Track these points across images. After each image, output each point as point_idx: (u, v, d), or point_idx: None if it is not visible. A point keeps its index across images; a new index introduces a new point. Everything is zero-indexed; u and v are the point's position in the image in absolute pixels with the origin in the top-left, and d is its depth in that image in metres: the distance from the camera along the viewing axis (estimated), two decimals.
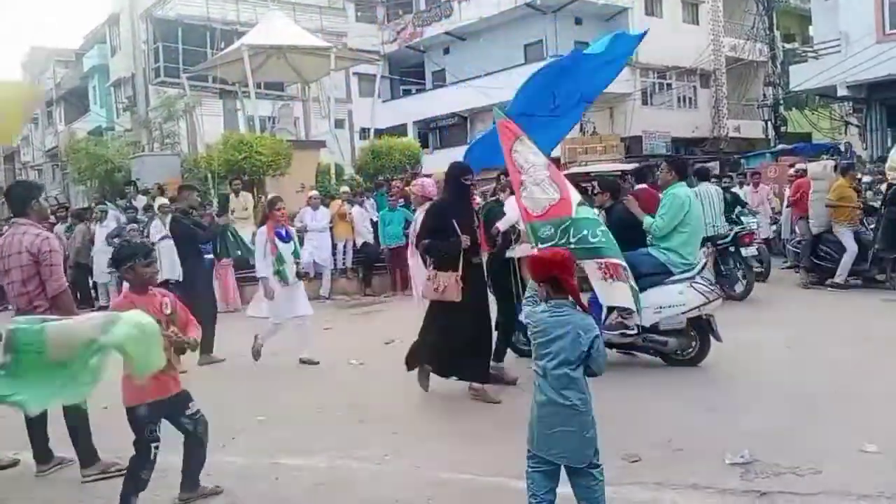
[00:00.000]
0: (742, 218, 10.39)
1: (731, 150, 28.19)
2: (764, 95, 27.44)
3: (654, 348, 6.39)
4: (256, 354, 7.27)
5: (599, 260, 5.02)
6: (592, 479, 3.16)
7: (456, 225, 5.54)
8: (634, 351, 6.53)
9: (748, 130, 30.23)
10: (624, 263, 4.97)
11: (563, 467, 3.19)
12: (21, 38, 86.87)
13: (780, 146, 22.62)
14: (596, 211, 5.01)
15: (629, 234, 6.17)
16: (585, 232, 4.94)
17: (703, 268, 6.37)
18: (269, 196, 8.80)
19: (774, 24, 27.36)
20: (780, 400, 5.21)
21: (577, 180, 16.80)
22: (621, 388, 5.47)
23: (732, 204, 10.56)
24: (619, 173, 13.05)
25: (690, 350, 6.34)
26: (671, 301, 6.08)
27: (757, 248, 10.12)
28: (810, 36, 26.37)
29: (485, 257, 6.03)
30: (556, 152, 18.33)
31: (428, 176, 14.09)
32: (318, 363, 7.27)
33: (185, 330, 3.87)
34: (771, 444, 4.32)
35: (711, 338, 6.24)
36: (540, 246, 4.89)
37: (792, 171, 12.88)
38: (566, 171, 17.73)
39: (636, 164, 13.25)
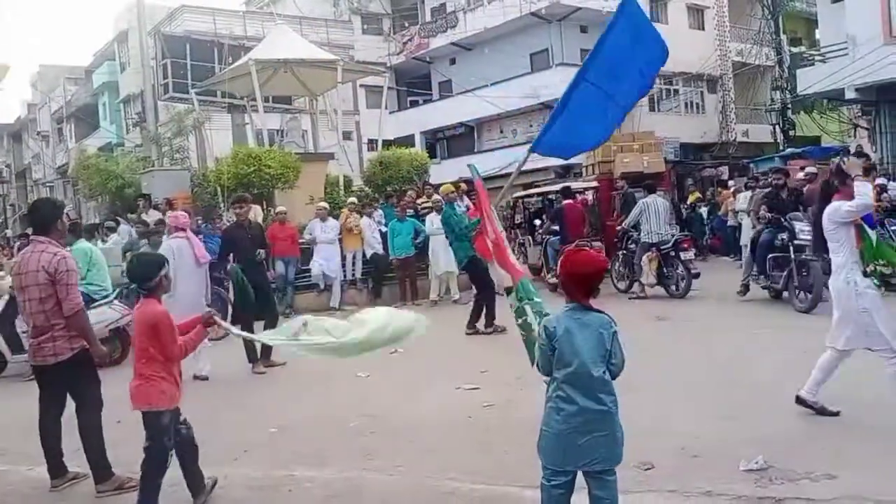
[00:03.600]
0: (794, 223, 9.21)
1: (740, 154, 28.10)
2: (772, 99, 27.35)
3: None
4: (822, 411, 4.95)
5: None
6: (613, 486, 3.13)
7: None
8: None
9: (757, 135, 30.12)
10: None
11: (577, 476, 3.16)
12: (31, 55, 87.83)
13: (790, 150, 22.52)
14: None
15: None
16: None
17: (117, 295, 8.90)
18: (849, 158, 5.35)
19: (781, 28, 27.30)
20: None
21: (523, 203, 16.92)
22: (634, 396, 5.45)
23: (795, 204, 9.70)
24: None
25: (116, 353, 8.30)
26: (101, 319, 8.05)
27: None
28: (817, 39, 26.33)
29: None
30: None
31: (435, 186, 14.15)
32: None
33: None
34: (786, 449, 4.30)
35: None
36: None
37: (802, 174, 12.81)
38: (524, 193, 17.60)
39: (563, 184, 15.12)
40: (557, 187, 14.97)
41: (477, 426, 5.36)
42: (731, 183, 18.52)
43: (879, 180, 11.88)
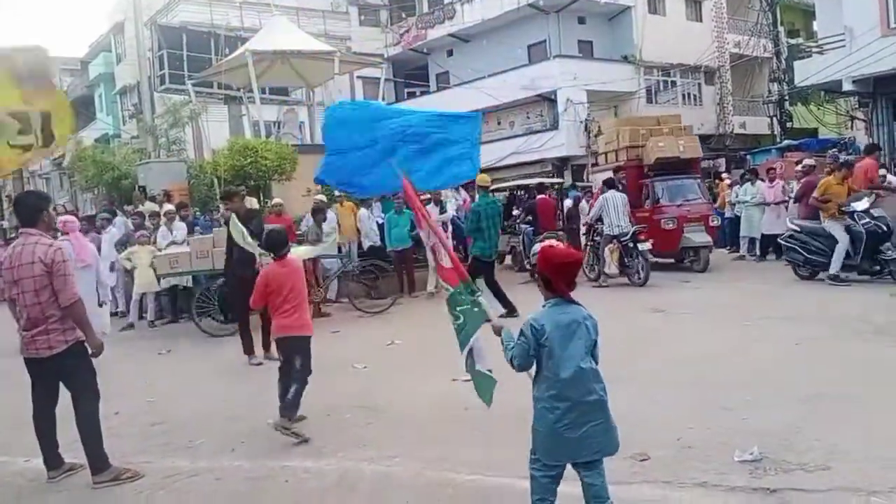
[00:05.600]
0: None
1: (737, 146, 28.12)
2: (769, 91, 27.35)
3: None
4: None
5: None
6: (603, 471, 3.18)
7: None
8: None
9: (754, 127, 30.13)
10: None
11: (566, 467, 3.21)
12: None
13: (787, 142, 22.55)
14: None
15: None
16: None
17: None
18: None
19: (778, 20, 27.30)
20: (790, 396, 5.19)
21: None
22: (630, 387, 5.47)
23: None
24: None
25: None
26: None
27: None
28: (814, 31, 26.31)
29: None
30: (607, 139, 16.34)
31: None
32: None
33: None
34: (780, 441, 4.32)
35: None
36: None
37: (799, 167, 12.85)
38: (495, 186, 17.57)
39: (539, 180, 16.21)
40: (530, 182, 16.37)
41: (472, 418, 5.35)
42: (724, 175, 18.50)
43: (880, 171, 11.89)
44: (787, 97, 26.17)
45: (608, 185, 12.20)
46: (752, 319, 8.14)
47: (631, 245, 11.35)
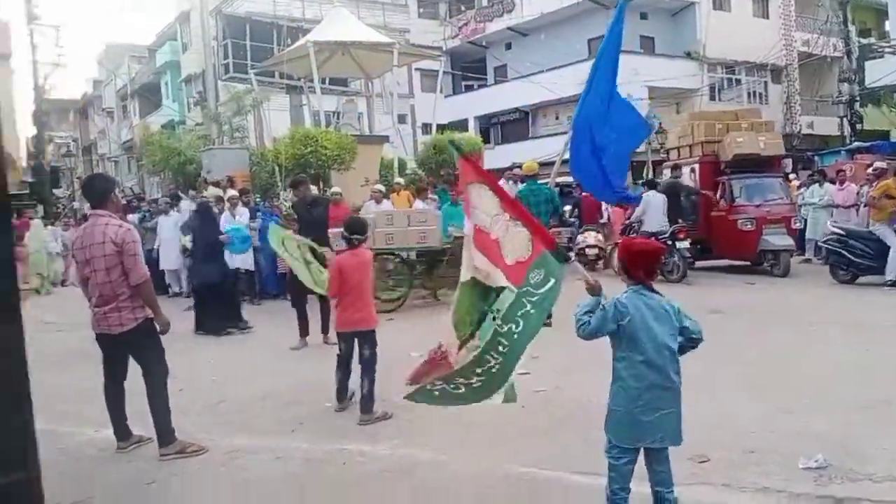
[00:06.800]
0: None
1: (805, 147, 27.28)
2: (839, 91, 26.44)
3: None
4: None
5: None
6: (668, 458, 3.28)
7: None
8: None
9: (822, 127, 29.18)
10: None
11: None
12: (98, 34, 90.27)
13: (856, 144, 21.76)
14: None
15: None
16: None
17: None
18: None
19: (849, 19, 26.31)
20: (854, 402, 5.04)
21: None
22: (689, 388, 5.37)
23: None
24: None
25: None
26: None
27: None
28: (887, 31, 25.31)
29: None
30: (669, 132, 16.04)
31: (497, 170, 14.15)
32: None
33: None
34: (845, 448, 4.20)
35: None
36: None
37: (870, 170, 12.39)
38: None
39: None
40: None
41: (526, 411, 5.34)
42: (791, 176, 17.94)
43: None
44: (857, 98, 25.26)
45: (650, 185, 12.48)
46: (817, 323, 7.92)
47: (669, 243, 11.30)
